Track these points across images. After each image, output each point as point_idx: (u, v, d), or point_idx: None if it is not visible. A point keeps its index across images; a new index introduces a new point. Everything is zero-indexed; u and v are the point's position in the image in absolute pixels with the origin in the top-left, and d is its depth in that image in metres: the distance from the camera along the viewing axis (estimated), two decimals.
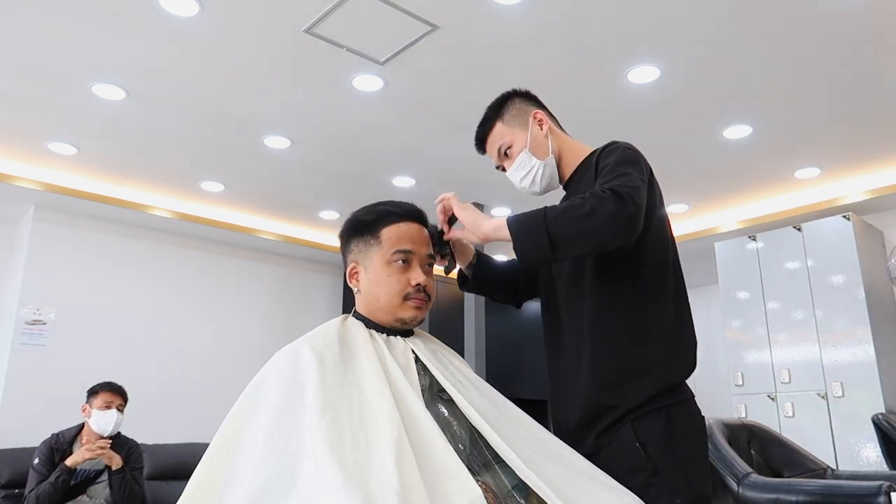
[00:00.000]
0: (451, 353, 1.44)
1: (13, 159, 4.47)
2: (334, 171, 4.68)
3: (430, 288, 1.36)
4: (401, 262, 1.34)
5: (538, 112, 1.62)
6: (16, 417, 4.53)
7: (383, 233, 1.36)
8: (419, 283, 1.33)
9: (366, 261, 1.37)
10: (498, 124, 1.64)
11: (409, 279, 1.33)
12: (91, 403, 3.38)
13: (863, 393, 4.50)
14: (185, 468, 4.15)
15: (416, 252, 1.36)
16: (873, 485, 2.41)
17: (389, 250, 1.34)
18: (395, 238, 1.35)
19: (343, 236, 1.43)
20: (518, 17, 2.99)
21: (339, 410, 1.12)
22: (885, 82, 3.54)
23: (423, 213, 1.43)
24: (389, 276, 1.33)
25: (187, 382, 5.43)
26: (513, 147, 1.60)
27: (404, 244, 1.35)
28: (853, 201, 4.83)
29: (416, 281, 1.33)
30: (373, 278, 1.35)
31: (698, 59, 3.32)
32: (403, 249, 1.34)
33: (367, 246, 1.37)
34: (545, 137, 1.59)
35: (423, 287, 1.34)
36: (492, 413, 1.26)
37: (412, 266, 1.35)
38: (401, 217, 1.38)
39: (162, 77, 3.48)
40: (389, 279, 1.33)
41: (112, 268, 5.27)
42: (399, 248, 1.34)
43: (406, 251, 1.34)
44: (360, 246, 1.38)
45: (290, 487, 1.03)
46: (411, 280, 1.33)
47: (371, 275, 1.35)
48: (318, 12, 2.95)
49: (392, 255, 1.34)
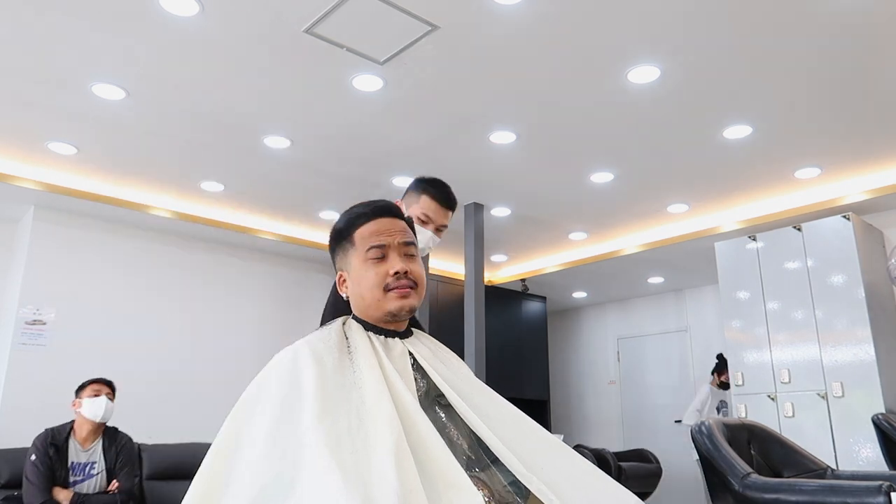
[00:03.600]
0: (450, 354, 1.43)
1: (13, 159, 4.48)
2: (334, 170, 4.69)
3: (414, 274, 1.35)
4: (376, 258, 1.35)
5: None
6: (16, 417, 4.53)
7: (356, 234, 1.38)
8: (397, 271, 1.33)
9: (348, 266, 1.39)
10: None
11: (386, 270, 1.34)
12: (80, 396, 3.45)
13: (863, 393, 4.50)
14: (185, 468, 4.15)
15: (389, 244, 1.36)
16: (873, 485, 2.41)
17: (363, 249, 1.35)
18: (366, 236, 1.36)
19: (330, 249, 1.46)
20: (518, 17, 2.99)
21: (338, 413, 1.12)
22: (885, 82, 3.54)
23: (391, 205, 1.43)
24: (367, 271, 1.34)
25: (187, 382, 5.43)
26: None
27: (375, 239, 1.36)
28: (853, 201, 4.83)
29: (393, 269, 1.33)
30: (355, 279, 1.36)
31: (698, 59, 3.32)
32: (375, 244, 1.35)
33: (346, 251, 1.39)
34: None
35: (405, 273, 1.34)
36: (492, 414, 1.26)
37: (388, 257, 1.35)
38: (369, 216, 1.39)
39: (162, 77, 3.48)
40: (367, 274, 1.34)
41: (112, 268, 5.27)
42: (371, 244, 1.35)
43: (378, 245, 1.35)
44: (340, 254, 1.41)
45: (289, 491, 1.03)
46: (389, 270, 1.33)
47: (353, 277, 1.37)
48: (318, 12, 2.95)
49: (367, 253, 1.35)
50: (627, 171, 4.67)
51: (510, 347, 7.15)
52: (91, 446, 3.47)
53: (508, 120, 3.94)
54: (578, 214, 5.54)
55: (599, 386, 8.04)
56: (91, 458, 3.43)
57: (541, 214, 5.57)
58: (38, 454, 3.30)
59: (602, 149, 4.35)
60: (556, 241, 6.27)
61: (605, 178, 4.78)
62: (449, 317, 6.39)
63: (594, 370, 8.11)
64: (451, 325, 6.08)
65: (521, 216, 5.60)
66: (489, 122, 3.98)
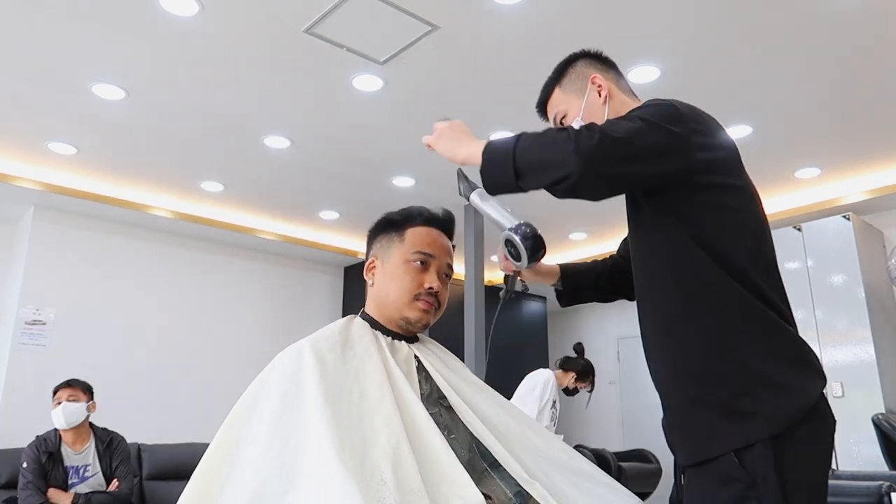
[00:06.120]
0: (456, 361, 1.44)
1: (13, 159, 4.47)
2: (334, 171, 4.68)
3: (441, 296, 1.37)
4: (419, 264, 1.35)
5: (597, 76, 1.43)
6: (16, 417, 4.53)
7: (408, 232, 1.37)
8: (432, 287, 1.34)
9: (385, 256, 1.38)
10: (556, 90, 1.50)
11: (422, 280, 1.34)
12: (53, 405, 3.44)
13: (863, 393, 4.49)
14: (186, 468, 4.15)
15: (436, 257, 1.36)
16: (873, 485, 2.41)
17: (410, 249, 1.35)
18: (418, 239, 1.37)
19: (370, 232, 1.45)
20: (518, 17, 2.99)
21: (338, 411, 1.12)
22: (885, 82, 3.54)
23: (451, 222, 1.43)
24: (405, 273, 1.34)
25: (187, 382, 5.43)
26: (567, 116, 1.44)
27: (426, 247, 1.36)
28: (853, 201, 4.83)
29: (429, 284, 1.34)
30: (388, 273, 1.36)
31: (698, 59, 3.32)
32: (424, 252, 1.35)
33: (391, 242, 1.38)
34: (603, 105, 1.40)
35: (435, 292, 1.34)
36: (496, 419, 1.26)
37: (429, 270, 1.35)
38: (428, 221, 1.39)
39: (162, 77, 3.48)
40: (404, 276, 1.34)
41: (112, 267, 5.27)
42: (419, 250, 1.35)
43: (426, 254, 1.35)
44: (383, 242, 1.40)
45: (289, 486, 1.03)
46: (425, 282, 1.34)
47: (387, 269, 1.36)
48: (318, 12, 2.94)
49: (412, 255, 1.35)
50: None
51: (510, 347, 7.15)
52: (83, 449, 3.46)
53: (508, 120, 3.93)
54: (578, 214, 5.54)
55: (599, 386, 8.01)
56: (84, 461, 3.42)
57: (541, 214, 5.56)
58: (28, 461, 3.30)
59: None
60: (556, 241, 6.27)
61: None
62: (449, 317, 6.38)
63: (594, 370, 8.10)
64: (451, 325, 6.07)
65: (520, 216, 5.59)
66: (489, 122, 3.97)
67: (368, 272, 1.41)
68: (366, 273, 1.42)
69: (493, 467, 1.21)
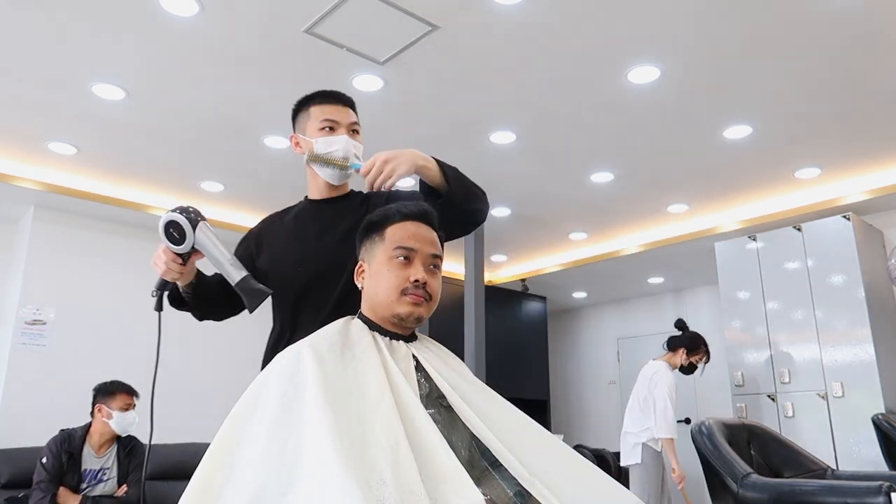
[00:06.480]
0: (455, 360, 1.44)
1: (13, 159, 4.47)
2: None
3: (431, 287, 1.36)
4: (402, 259, 1.35)
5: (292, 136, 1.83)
6: (16, 417, 4.53)
7: (388, 230, 1.38)
8: (417, 280, 1.34)
9: (370, 258, 1.40)
10: None
11: (407, 275, 1.34)
12: (107, 404, 3.39)
13: (863, 393, 4.50)
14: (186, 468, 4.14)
15: (418, 250, 1.36)
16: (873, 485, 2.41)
17: (391, 246, 1.36)
18: (397, 235, 1.37)
19: (356, 240, 1.47)
20: (518, 17, 2.99)
21: (338, 411, 1.12)
22: (885, 82, 3.54)
23: (431, 213, 1.44)
24: (389, 270, 1.35)
25: (187, 382, 5.42)
26: None
27: (406, 241, 1.36)
28: (853, 201, 4.83)
29: (414, 276, 1.34)
30: (374, 273, 1.37)
31: (698, 59, 3.32)
32: (404, 246, 1.36)
33: (373, 244, 1.40)
34: None
35: (423, 284, 1.34)
36: (495, 417, 1.26)
37: (413, 263, 1.36)
38: (406, 216, 1.40)
39: (162, 77, 3.48)
40: (389, 274, 1.35)
41: (112, 268, 5.27)
42: (400, 245, 1.36)
43: (407, 248, 1.36)
44: (367, 245, 1.42)
45: (288, 486, 1.03)
46: (410, 276, 1.34)
47: (373, 270, 1.38)
48: (318, 12, 2.95)
49: (393, 251, 1.35)
50: (627, 171, 4.67)
51: (510, 347, 7.15)
52: (105, 453, 3.44)
53: (508, 120, 3.94)
54: (578, 214, 5.54)
55: (599, 386, 8.04)
56: (104, 465, 3.39)
57: (541, 214, 5.57)
58: (49, 457, 3.26)
59: (602, 149, 4.35)
60: (556, 241, 6.27)
61: (605, 178, 4.77)
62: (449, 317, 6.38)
63: (594, 370, 8.11)
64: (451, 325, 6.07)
65: (521, 216, 5.60)
66: (489, 122, 3.98)
67: (358, 276, 1.43)
68: (356, 278, 1.43)
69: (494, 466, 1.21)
